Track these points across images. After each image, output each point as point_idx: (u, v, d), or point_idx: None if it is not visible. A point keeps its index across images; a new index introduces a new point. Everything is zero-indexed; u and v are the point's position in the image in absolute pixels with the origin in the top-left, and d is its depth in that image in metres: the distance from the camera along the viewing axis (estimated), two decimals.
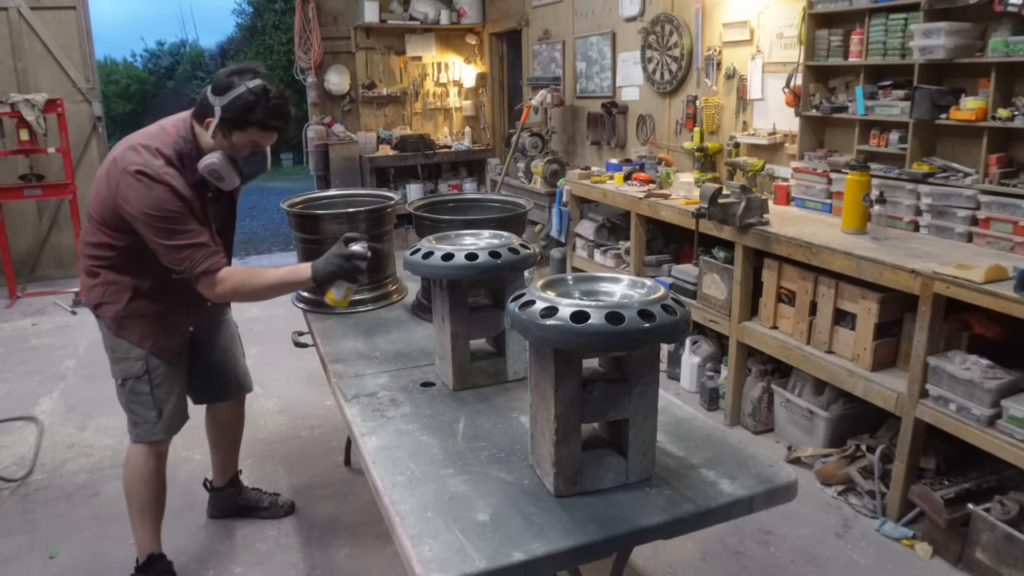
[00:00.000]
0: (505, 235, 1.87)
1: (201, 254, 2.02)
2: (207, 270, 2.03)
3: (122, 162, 1.98)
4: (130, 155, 1.99)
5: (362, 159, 6.79)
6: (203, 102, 2.04)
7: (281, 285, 2.10)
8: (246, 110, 2.00)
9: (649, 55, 4.71)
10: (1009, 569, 2.20)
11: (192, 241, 2.01)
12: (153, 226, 1.97)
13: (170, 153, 2.03)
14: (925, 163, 2.94)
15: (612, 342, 1.23)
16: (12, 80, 5.89)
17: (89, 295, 2.23)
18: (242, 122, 2.02)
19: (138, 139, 2.04)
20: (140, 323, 2.21)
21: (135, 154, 1.99)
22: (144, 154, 1.99)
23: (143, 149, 2.00)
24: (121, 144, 2.07)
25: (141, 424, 2.31)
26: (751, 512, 1.42)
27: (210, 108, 2.02)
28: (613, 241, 4.52)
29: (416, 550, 1.22)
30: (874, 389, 2.65)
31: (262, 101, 2.01)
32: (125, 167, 1.96)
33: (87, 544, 2.63)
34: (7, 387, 4.05)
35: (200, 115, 2.06)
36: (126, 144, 2.04)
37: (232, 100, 1.99)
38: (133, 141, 2.04)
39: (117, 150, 2.04)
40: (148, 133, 2.08)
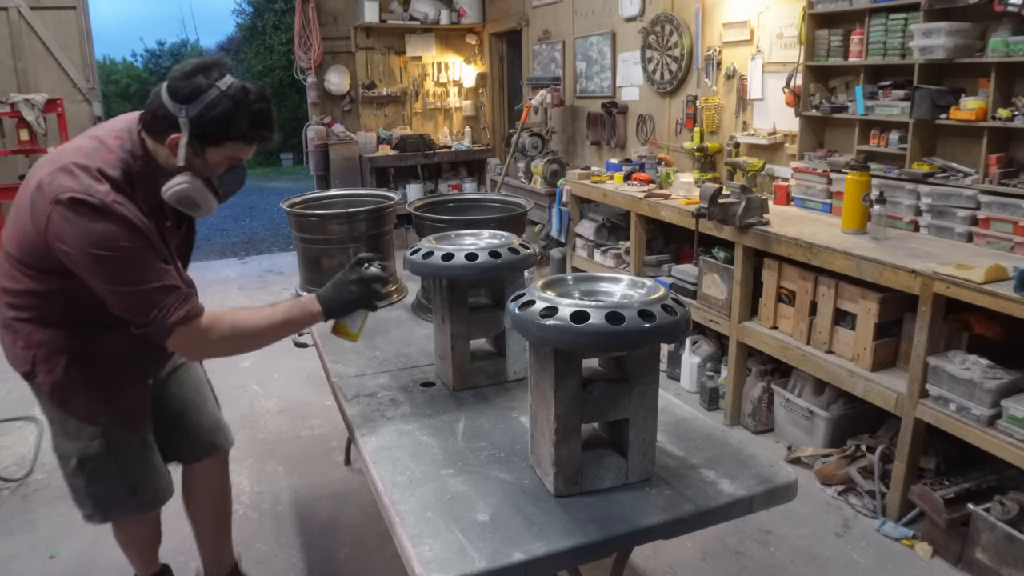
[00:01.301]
0: (505, 235, 1.87)
1: (172, 299, 1.56)
2: (185, 318, 1.57)
3: (52, 189, 1.49)
4: (63, 179, 1.49)
5: (362, 159, 6.79)
6: (159, 112, 1.56)
7: (283, 326, 1.70)
8: (224, 121, 1.56)
9: (649, 55, 4.71)
10: (1009, 569, 2.20)
11: (157, 284, 1.54)
12: (102, 269, 1.50)
13: (116, 175, 1.54)
14: (925, 163, 2.94)
15: (612, 342, 1.23)
16: (12, 80, 5.89)
17: (13, 360, 1.73)
18: (219, 137, 1.57)
19: (71, 157, 1.54)
20: (87, 395, 1.73)
21: (69, 178, 1.49)
22: (83, 177, 1.50)
23: (80, 171, 1.51)
24: (45, 164, 1.57)
25: (112, 502, 1.88)
26: (751, 512, 1.42)
27: (171, 120, 1.55)
28: (613, 241, 4.52)
29: (416, 550, 1.22)
30: (874, 389, 2.65)
31: (243, 108, 1.57)
32: (57, 196, 1.47)
33: (87, 544, 2.62)
34: (7, 387, 4.05)
35: (156, 129, 1.58)
36: (54, 164, 1.53)
37: (204, 109, 1.54)
38: (64, 160, 1.53)
39: (41, 172, 1.54)
40: (82, 149, 1.58)
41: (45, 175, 1.53)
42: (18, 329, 1.68)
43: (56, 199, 1.48)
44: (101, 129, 1.66)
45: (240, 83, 1.59)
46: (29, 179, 1.59)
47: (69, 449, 1.79)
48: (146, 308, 1.55)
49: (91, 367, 1.71)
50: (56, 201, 1.48)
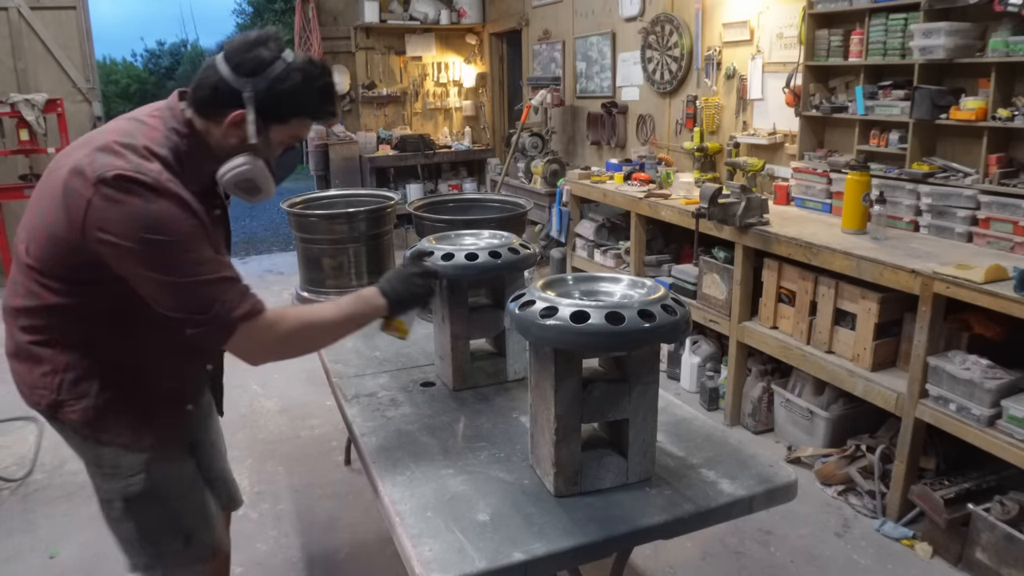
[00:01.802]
0: (505, 235, 1.87)
1: (234, 292, 1.36)
2: (249, 313, 1.36)
3: (94, 170, 1.29)
4: (106, 158, 1.31)
5: (362, 159, 6.79)
6: (219, 87, 1.39)
7: (350, 320, 1.52)
8: (293, 96, 1.42)
9: (649, 55, 4.71)
10: (1009, 569, 2.20)
11: (217, 275, 1.35)
12: (155, 258, 1.30)
13: (165, 153, 1.38)
14: (925, 163, 2.94)
15: (612, 342, 1.24)
16: (12, 80, 5.89)
17: (32, 392, 1.52)
18: (287, 112, 1.45)
19: (109, 137, 1.36)
20: (123, 420, 1.51)
21: (114, 156, 1.31)
22: (129, 155, 1.32)
23: (124, 149, 1.33)
24: (76, 148, 1.38)
25: (165, 549, 1.61)
26: (751, 512, 1.42)
27: (234, 96, 1.39)
28: (613, 241, 4.52)
29: (416, 550, 1.22)
30: (874, 389, 2.65)
31: (310, 81, 1.44)
32: (100, 175, 1.28)
33: (87, 544, 2.62)
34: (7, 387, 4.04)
35: (212, 105, 1.41)
36: (90, 146, 1.35)
37: (272, 83, 1.39)
38: (102, 140, 1.35)
39: (74, 156, 1.34)
40: (120, 129, 1.40)
41: (82, 157, 1.32)
42: (38, 355, 1.47)
43: (100, 179, 1.28)
44: (139, 111, 1.49)
45: (303, 56, 1.48)
46: (56, 168, 1.37)
47: (111, 490, 1.56)
48: (206, 302, 1.33)
49: (126, 388, 1.50)
50: (100, 181, 1.28)
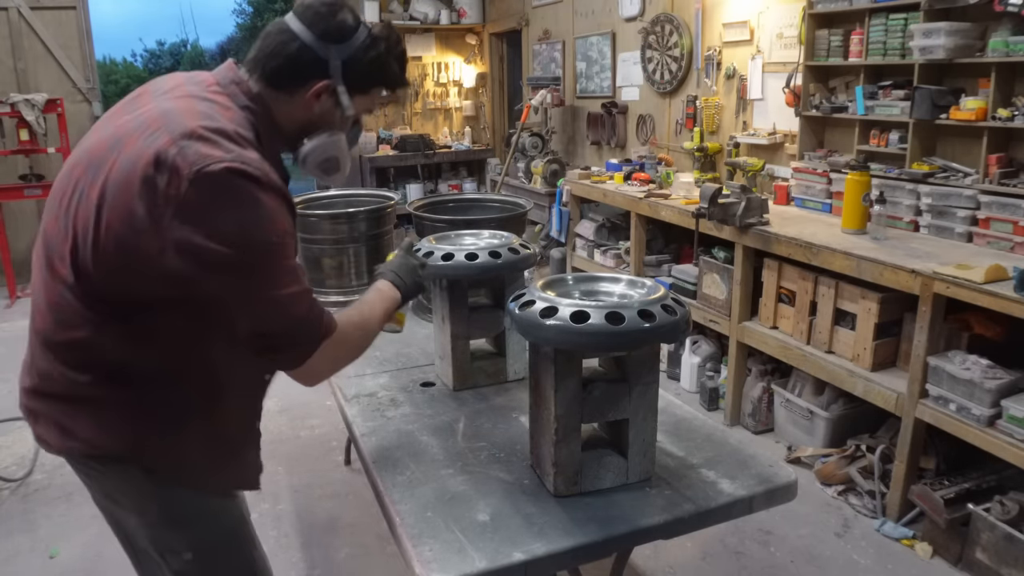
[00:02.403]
0: (505, 235, 1.87)
1: (317, 307, 1.23)
2: (329, 329, 1.24)
3: (188, 161, 1.07)
4: (200, 147, 1.08)
5: (362, 159, 6.79)
6: (301, 55, 1.23)
7: (383, 318, 1.45)
8: (378, 65, 1.30)
9: (649, 55, 4.71)
10: (1009, 569, 2.20)
11: (305, 285, 1.20)
12: (262, 266, 1.13)
13: (252, 137, 1.19)
14: (925, 163, 2.94)
15: (612, 342, 1.23)
16: (12, 80, 5.89)
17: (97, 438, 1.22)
18: (370, 82, 1.33)
19: (192, 120, 1.12)
20: (207, 459, 1.32)
21: (208, 146, 1.09)
22: (225, 144, 1.11)
23: (217, 136, 1.11)
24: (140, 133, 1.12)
25: None
26: (751, 512, 1.42)
27: (319, 64, 1.25)
28: (613, 241, 4.52)
29: (416, 550, 1.22)
30: (874, 389, 2.65)
31: (393, 50, 1.32)
32: (199, 168, 1.06)
33: (87, 544, 2.62)
34: (7, 387, 4.05)
35: (291, 75, 1.25)
36: (168, 132, 1.10)
37: (358, 52, 1.27)
38: (185, 125, 1.11)
39: (147, 142, 1.09)
40: (199, 111, 1.16)
41: (163, 146, 1.08)
42: (100, 400, 1.21)
43: (200, 173, 1.06)
44: (191, 82, 1.26)
45: (384, 22, 1.40)
46: (104, 160, 1.12)
47: (178, 539, 1.35)
48: (297, 320, 1.19)
49: (208, 422, 1.30)
50: (200, 176, 1.06)
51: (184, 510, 1.33)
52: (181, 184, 1.06)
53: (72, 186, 1.17)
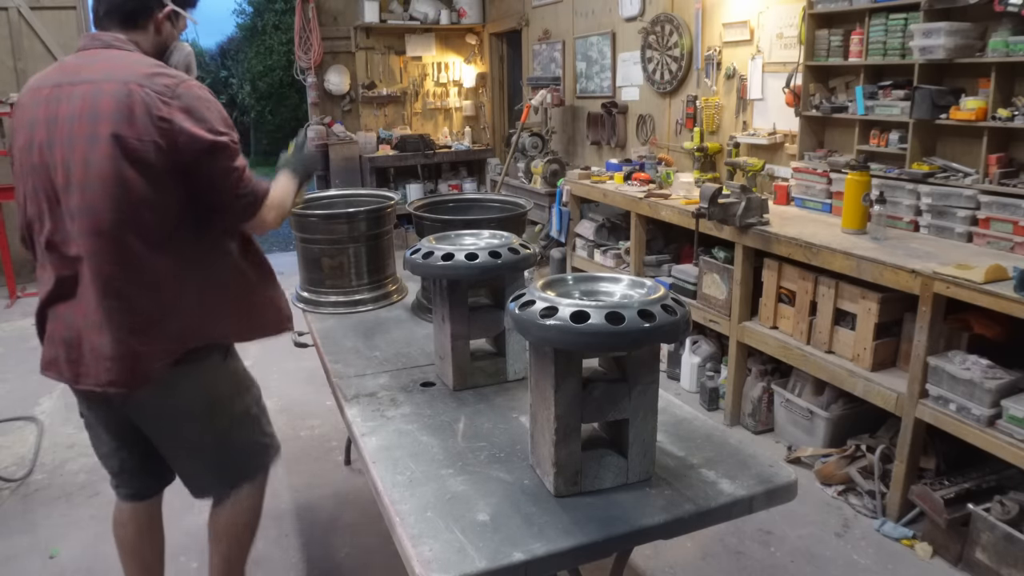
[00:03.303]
0: (505, 235, 1.87)
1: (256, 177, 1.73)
2: (267, 189, 1.75)
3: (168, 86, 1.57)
4: (163, 79, 1.58)
5: (362, 159, 6.79)
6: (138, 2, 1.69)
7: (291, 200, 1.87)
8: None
9: (649, 55, 4.71)
10: (1009, 569, 2.20)
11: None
12: (228, 147, 1.62)
13: None
14: (925, 163, 2.94)
15: (612, 342, 1.23)
16: (12, 80, 5.89)
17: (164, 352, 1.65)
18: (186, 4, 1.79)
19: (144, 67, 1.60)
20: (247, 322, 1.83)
21: (167, 77, 1.59)
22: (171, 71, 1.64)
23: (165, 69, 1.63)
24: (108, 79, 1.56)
25: (269, 447, 1.98)
26: (751, 512, 1.42)
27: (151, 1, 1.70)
28: (613, 241, 4.52)
29: (416, 550, 1.22)
30: (874, 389, 2.65)
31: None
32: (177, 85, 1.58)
33: (87, 544, 2.63)
34: (7, 387, 4.05)
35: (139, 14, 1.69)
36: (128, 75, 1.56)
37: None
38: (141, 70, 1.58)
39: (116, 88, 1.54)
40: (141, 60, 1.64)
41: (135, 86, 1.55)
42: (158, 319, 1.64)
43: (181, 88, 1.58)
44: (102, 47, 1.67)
45: None
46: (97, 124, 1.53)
47: (248, 401, 1.91)
48: (253, 182, 1.70)
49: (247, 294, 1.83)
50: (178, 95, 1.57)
51: (240, 380, 1.90)
52: (169, 99, 1.56)
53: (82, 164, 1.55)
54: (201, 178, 1.62)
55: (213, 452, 1.85)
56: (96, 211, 1.54)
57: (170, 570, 2.49)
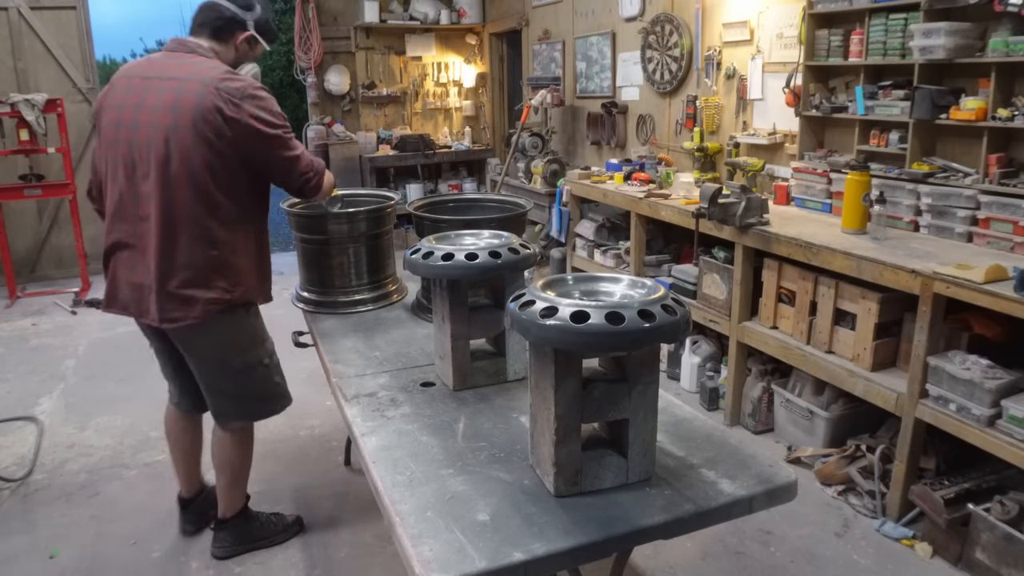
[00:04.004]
0: (505, 235, 1.87)
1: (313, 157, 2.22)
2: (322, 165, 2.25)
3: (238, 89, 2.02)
4: (234, 83, 2.03)
5: (362, 159, 6.79)
6: (230, 18, 2.19)
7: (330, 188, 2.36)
8: (269, 22, 2.30)
9: (649, 55, 4.71)
10: (1009, 569, 2.20)
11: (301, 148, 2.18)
12: (283, 136, 2.08)
13: None
14: (925, 163, 2.94)
15: (612, 342, 1.23)
16: (12, 80, 5.89)
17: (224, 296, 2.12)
18: (266, 32, 2.29)
19: (218, 72, 2.04)
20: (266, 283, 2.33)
21: (240, 81, 2.04)
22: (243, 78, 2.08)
23: (235, 74, 2.08)
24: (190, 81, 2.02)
25: (281, 394, 2.39)
26: (751, 512, 1.42)
27: (241, 23, 2.21)
28: (613, 241, 4.52)
29: (416, 550, 1.22)
30: (874, 389, 2.65)
31: (269, 14, 2.33)
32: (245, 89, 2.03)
33: (87, 544, 2.62)
34: (7, 387, 4.05)
35: (226, 30, 2.19)
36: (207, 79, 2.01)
37: (261, 13, 2.26)
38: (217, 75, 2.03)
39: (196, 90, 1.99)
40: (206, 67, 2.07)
41: (212, 88, 1.99)
42: (224, 263, 2.10)
43: (248, 91, 2.03)
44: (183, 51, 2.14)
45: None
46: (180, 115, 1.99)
47: (261, 353, 2.29)
48: (315, 164, 2.20)
49: (266, 263, 2.31)
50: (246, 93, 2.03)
51: (260, 333, 2.30)
52: (238, 105, 2.01)
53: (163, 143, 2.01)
54: (265, 163, 2.10)
55: (231, 387, 2.28)
56: (172, 184, 2.01)
57: (170, 570, 2.49)
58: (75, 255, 5.94)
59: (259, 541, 2.56)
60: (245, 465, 2.48)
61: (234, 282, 2.14)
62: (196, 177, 2.01)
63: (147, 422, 3.50)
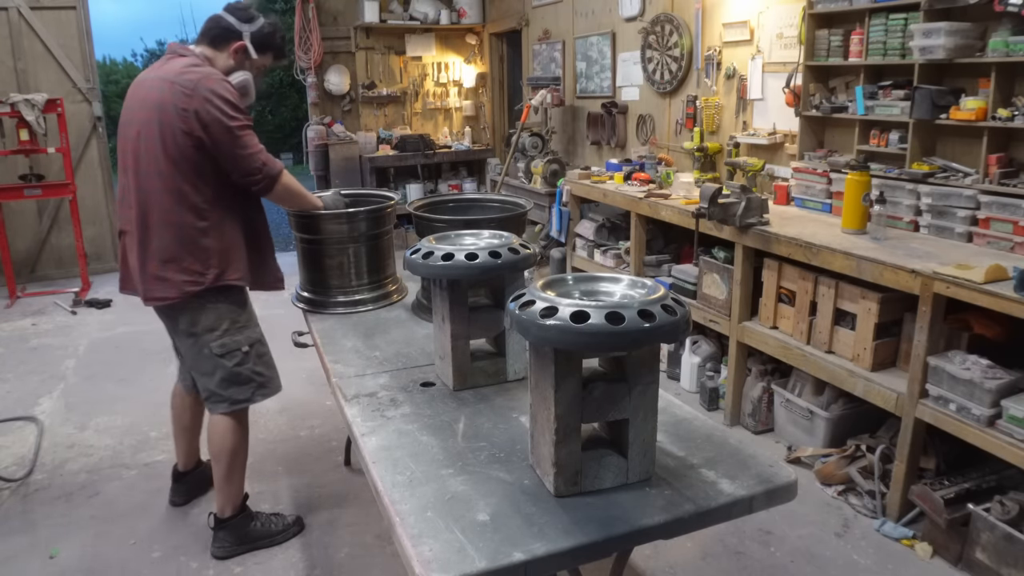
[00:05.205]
0: (505, 235, 1.87)
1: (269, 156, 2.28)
2: (282, 167, 2.30)
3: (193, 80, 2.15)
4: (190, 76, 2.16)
5: (362, 159, 6.79)
6: (227, 28, 2.31)
7: (307, 200, 2.40)
8: (271, 36, 2.38)
9: (649, 55, 4.71)
10: (1009, 569, 2.20)
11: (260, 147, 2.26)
12: (234, 129, 2.15)
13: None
14: (925, 163, 2.94)
15: (612, 342, 1.23)
16: (12, 80, 5.89)
17: (194, 279, 2.23)
18: (267, 46, 2.38)
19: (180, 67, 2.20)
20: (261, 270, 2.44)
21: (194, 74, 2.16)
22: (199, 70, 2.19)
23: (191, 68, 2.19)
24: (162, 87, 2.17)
25: (267, 383, 2.47)
26: (751, 512, 1.42)
27: (237, 33, 2.32)
28: (613, 241, 4.52)
29: (416, 550, 1.22)
30: (874, 389, 2.65)
31: (278, 31, 2.43)
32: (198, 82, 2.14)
33: (87, 544, 2.63)
34: (7, 387, 4.05)
35: (221, 39, 2.31)
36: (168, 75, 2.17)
37: (260, 27, 2.35)
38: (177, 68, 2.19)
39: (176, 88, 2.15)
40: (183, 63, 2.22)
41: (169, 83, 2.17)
42: (203, 246, 2.23)
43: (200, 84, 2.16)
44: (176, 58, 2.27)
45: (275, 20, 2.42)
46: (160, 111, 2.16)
47: (240, 339, 2.37)
48: (267, 164, 2.24)
49: (255, 251, 2.40)
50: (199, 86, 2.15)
51: (244, 319, 2.39)
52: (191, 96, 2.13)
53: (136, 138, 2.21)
54: (217, 151, 2.18)
55: (211, 368, 2.36)
56: (143, 175, 2.19)
57: (170, 570, 2.49)
58: (75, 255, 5.94)
59: (259, 541, 2.56)
60: (240, 455, 2.48)
61: (207, 265, 2.24)
62: (161, 167, 2.17)
63: (147, 422, 3.50)
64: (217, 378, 2.36)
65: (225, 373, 2.36)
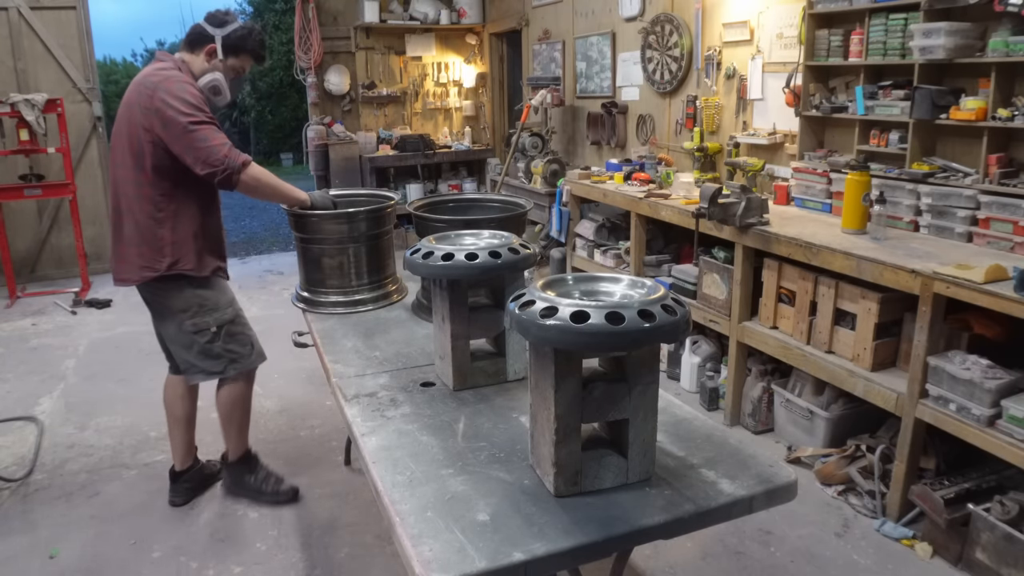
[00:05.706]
0: (505, 235, 1.87)
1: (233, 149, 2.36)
2: (247, 159, 2.37)
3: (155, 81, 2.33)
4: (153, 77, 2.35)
5: (362, 159, 6.79)
6: (200, 32, 2.47)
7: (287, 198, 2.45)
8: (243, 39, 2.50)
9: (649, 55, 4.71)
10: (1009, 569, 2.20)
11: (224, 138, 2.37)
12: (188, 126, 2.27)
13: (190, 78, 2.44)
14: (925, 163, 2.94)
15: (612, 342, 1.23)
16: (12, 80, 5.89)
17: (152, 263, 2.41)
18: (240, 48, 2.50)
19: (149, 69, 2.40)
20: (211, 258, 2.54)
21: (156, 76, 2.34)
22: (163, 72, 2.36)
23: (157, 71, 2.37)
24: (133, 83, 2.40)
25: (240, 359, 2.63)
26: (751, 512, 1.42)
27: (209, 37, 2.46)
28: (613, 241, 4.52)
29: (416, 550, 1.22)
30: (874, 389, 2.65)
31: (254, 34, 2.54)
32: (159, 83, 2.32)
33: (87, 544, 2.63)
34: (7, 387, 4.05)
35: (196, 43, 2.47)
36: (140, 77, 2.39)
37: (232, 31, 2.48)
38: (148, 71, 2.40)
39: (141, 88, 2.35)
40: (154, 67, 2.43)
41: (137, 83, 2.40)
42: (160, 234, 2.41)
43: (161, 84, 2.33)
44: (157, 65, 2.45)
45: (251, 22, 2.55)
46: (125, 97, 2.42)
47: (208, 320, 2.53)
48: (229, 157, 2.32)
49: (213, 240, 2.57)
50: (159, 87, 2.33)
51: (211, 302, 2.55)
52: (152, 95, 2.32)
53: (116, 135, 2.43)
54: (180, 150, 2.32)
55: (184, 347, 2.56)
56: (118, 167, 2.42)
57: (170, 570, 2.49)
58: (75, 255, 5.94)
59: (248, 492, 2.85)
60: (237, 414, 2.76)
61: (162, 254, 2.43)
62: (127, 161, 2.38)
63: (147, 422, 3.50)
64: (194, 351, 2.56)
65: (199, 348, 2.55)
